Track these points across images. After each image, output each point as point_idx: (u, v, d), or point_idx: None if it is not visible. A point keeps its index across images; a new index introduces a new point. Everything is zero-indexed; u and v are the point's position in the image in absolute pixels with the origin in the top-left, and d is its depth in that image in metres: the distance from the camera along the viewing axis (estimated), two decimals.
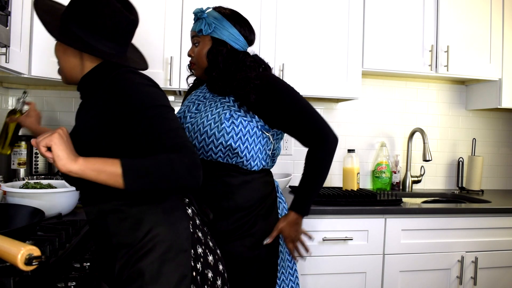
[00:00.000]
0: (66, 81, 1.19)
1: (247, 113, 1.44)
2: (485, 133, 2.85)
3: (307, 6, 2.21)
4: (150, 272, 1.01)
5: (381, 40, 2.30)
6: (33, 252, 0.78)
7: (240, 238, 1.42)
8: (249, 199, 1.46)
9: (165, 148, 0.96)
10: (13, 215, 1.21)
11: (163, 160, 0.94)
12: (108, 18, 1.07)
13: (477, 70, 2.43)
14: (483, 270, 2.09)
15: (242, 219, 1.44)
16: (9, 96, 2.27)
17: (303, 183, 1.51)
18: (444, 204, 2.43)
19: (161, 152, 0.95)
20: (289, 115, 1.43)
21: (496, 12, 2.44)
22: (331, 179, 2.62)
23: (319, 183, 1.50)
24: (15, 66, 1.52)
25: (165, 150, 0.95)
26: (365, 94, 2.64)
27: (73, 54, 1.12)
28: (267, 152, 1.52)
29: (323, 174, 1.49)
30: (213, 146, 1.40)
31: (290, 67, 2.17)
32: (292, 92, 1.45)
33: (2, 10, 1.29)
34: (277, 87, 1.44)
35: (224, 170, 1.43)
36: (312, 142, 1.47)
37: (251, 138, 1.44)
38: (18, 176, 2.00)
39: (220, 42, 1.46)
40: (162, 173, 0.93)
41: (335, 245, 1.94)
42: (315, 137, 1.45)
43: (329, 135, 1.46)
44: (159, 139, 0.97)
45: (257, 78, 1.42)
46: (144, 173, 0.93)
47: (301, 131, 1.46)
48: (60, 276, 1.12)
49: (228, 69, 1.45)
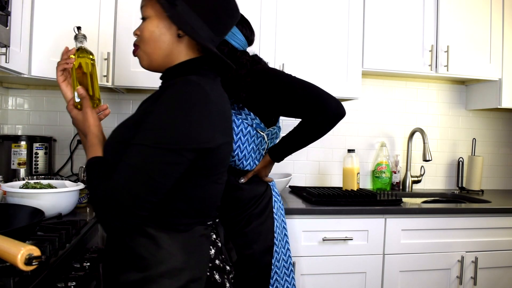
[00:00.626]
0: (148, 66, 1.10)
1: (242, 110, 1.44)
2: (485, 133, 2.84)
3: (307, 6, 2.21)
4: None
5: (381, 40, 2.30)
6: (33, 252, 0.78)
7: (232, 237, 1.41)
8: (241, 198, 1.46)
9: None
10: (13, 215, 1.21)
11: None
12: (217, 3, 1.04)
13: (477, 70, 2.43)
14: (483, 270, 2.09)
15: (235, 218, 1.44)
16: (9, 96, 2.28)
17: (291, 136, 1.50)
18: (444, 204, 2.43)
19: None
20: (285, 95, 1.41)
21: (496, 12, 2.44)
22: (331, 179, 2.62)
23: (305, 143, 1.50)
24: (15, 66, 1.52)
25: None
26: (365, 94, 2.64)
27: (170, 33, 1.04)
28: (260, 151, 1.53)
29: (314, 136, 1.48)
30: None
31: (290, 67, 2.17)
32: (283, 74, 1.47)
33: (2, 10, 1.29)
34: (269, 73, 1.45)
35: None
36: (312, 112, 1.43)
37: (244, 138, 1.45)
38: (18, 176, 2.00)
39: (222, 41, 1.46)
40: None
41: (335, 245, 1.94)
42: (315, 106, 1.41)
43: (330, 102, 1.42)
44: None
45: (247, 75, 1.41)
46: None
47: (300, 106, 1.43)
48: (60, 276, 1.12)
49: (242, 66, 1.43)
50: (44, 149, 2.09)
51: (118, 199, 0.91)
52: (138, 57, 1.10)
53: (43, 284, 0.98)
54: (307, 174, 2.59)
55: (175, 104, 0.92)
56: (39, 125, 2.30)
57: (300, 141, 1.51)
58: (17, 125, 2.28)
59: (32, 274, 0.94)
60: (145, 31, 1.05)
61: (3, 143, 2.00)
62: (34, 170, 2.05)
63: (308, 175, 2.60)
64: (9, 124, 2.27)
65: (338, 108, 1.46)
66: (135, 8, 2.03)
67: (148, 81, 1.99)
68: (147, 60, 1.08)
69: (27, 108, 2.30)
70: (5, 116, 2.26)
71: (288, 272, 1.60)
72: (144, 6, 1.06)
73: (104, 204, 0.92)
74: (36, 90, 2.29)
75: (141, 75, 2.00)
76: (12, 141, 2.01)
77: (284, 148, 1.53)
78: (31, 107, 2.30)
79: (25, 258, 0.77)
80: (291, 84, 1.43)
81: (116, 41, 2.02)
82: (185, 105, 0.92)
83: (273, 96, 1.44)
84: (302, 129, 1.49)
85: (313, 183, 2.60)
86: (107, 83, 2.01)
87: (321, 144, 2.56)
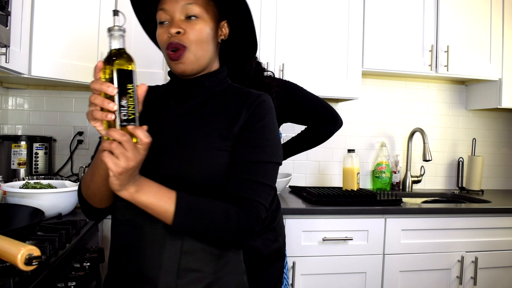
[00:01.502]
0: (191, 70, 0.96)
1: None
2: (485, 133, 2.84)
3: (307, 6, 2.21)
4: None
5: (381, 40, 2.30)
6: (33, 252, 0.78)
7: (263, 233, 1.52)
8: None
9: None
10: (13, 215, 1.21)
11: (221, 208, 0.88)
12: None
13: (477, 70, 2.43)
14: (483, 270, 2.09)
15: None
16: (9, 96, 2.28)
17: (298, 140, 1.76)
18: (444, 204, 2.43)
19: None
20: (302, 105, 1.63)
21: (496, 12, 2.44)
22: (331, 179, 2.62)
23: (308, 147, 1.77)
24: (15, 66, 1.52)
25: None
26: (365, 94, 2.64)
27: (217, 40, 1.00)
28: None
29: (318, 141, 1.75)
30: None
31: (290, 67, 2.17)
32: (298, 85, 1.67)
33: (2, 10, 1.29)
34: (293, 88, 1.64)
35: None
36: (323, 121, 1.69)
37: None
38: (18, 176, 2.00)
39: None
40: (215, 220, 0.86)
41: (335, 245, 1.94)
42: (327, 116, 1.68)
43: (337, 114, 1.72)
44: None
45: (276, 85, 1.56)
46: (198, 213, 0.85)
47: (313, 115, 1.66)
48: (60, 276, 1.12)
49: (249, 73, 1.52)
50: (44, 149, 2.09)
51: (260, 218, 0.92)
52: (183, 61, 0.94)
53: (43, 284, 0.98)
54: (307, 174, 2.60)
55: (274, 121, 0.99)
56: (39, 125, 2.30)
57: (307, 144, 1.76)
58: (17, 125, 2.29)
59: (32, 274, 0.94)
60: (202, 32, 0.93)
61: (3, 143, 2.01)
62: (34, 170, 2.05)
63: (308, 175, 2.60)
64: (9, 124, 2.28)
65: (341, 118, 1.74)
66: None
67: (148, 81, 1.98)
68: (194, 64, 0.95)
69: (27, 108, 2.30)
70: (5, 116, 2.26)
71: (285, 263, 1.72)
72: (194, 4, 0.93)
73: (249, 231, 0.90)
74: (36, 90, 2.29)
75: (141, 75, 2.00)
76: (12, 141, 2.01)
77: (292, 149, 1.76)
78: (31, 107, 2.30)
79: (25, 258, 0.77)
80: (307, 96, 1.65)
81: None
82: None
83: (290, 106, 1.61)
84: (311, 134, 1.73)
85: (313, 183, 2.60)
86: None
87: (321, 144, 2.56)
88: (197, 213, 0.85)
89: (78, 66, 1.89)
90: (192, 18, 0.93)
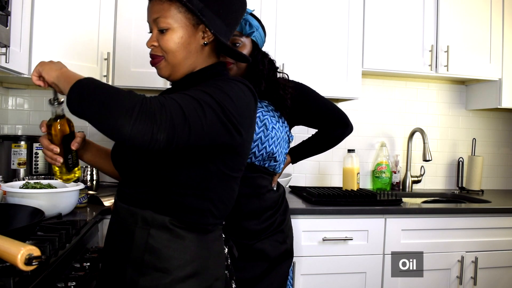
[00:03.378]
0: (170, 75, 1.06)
1: (280, 118, 1.53)
2: (485, 133, 2.84)
3: (307, 6, 2.21)
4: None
5: (381, 40, 2.30)
6: (33, 252, 0.78)
7: (271, 235, 1.51)
8: (276, 198, 1.56)
9: None
10: (13, 215, 1.21)
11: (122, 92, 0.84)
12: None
13: (477, 70, 2.43)
14: (483, 270, 2.09)
15: (271, 218, 1.52)
16: (9, 96, 2.28)
17: (311, 142, 1.74)
18: (444, 204, 2.43)
19: None
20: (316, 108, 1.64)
21: (496, 12, 2.44)
22: (331, 179, 2.62)
23: (321, 150, 1.76)
24: (15, 66, 1.52)
25: None
26: (365, 94, 2.64)
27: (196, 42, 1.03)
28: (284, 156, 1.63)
29: (330, 145, 1.74)
30: (257, 150, 1.46)
31: (290, 67, 2.17)
32: (316, 93, 1.67)
33: (2, 10, 1.29)
34: (307, 91, 1.63)
35: (256, 172, 1.49)
36: (336, 124, 1.70)
37: (283, 143, 1.55)
38: (18, 176, 2.00)
39: (256, 46, 1.50)
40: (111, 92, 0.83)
41: (335, 245, 1.94)
42: (339, 120, 1.70)
43: (348, 119, 1.73)
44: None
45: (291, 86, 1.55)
46: (98, 85, 0.85)
47: (326, 119, 1.67)
48: (60, 276, 1.12)
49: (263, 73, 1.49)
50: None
51: (171, 112, 0.82)
52: (160, 67, 1.05)
53: (43, 284, 0.98)
54: (307, 174, 2.59)
55: (236, 92, 0.96)
56: (39, 125, 2.29)
57: (319, 147, 1.75)
58: (17, 125, 2.28)
59: (32, 274, 0.94)
60: (169, 42, 1.01)
61: (3, 143, 2.00)
62: (34, 170, 2.05)
63: (308, 175, 2.60)
64: (9, 124, 2.27)
65: (351, 123, 1.75)
66: (136, 8, 2.03)
67: (148, 81, 2.00)
68: (171, 71, 1.05)
69: (27, 108, 2.30)
70: (5, 116, 2.26)
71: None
72: (161, 17, 1.00)
73: (146, 115, 0.80)
74: (36, 90, 2.29)
75: (141, 75, 2.01)
76: (12, 141, 2.00)
77: (304, 152, 1.76)
78: (31, 107, 2.30)
79: (25, 258, 0.77)
80: (320, 99, 1.65)
81: (116, 41, 2.02)
82: (240, 97, 0.97)
83: (303, 108, 1.59)
84: (324, 137, 1.72)
85: (313, 183, 2.60)
86: (107, 83, 2.00)
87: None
88: (97, 83, 0.86)
89: (78, 66, 1.89)
90: (163, 31, 1.01)
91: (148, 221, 0.99)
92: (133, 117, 0.79)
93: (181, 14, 1.00)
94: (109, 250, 1.07)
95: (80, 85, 0.85)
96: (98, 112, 0.82)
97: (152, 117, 0.80)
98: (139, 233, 0.99)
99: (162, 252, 0.98)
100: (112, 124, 0.81)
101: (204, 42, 1.03)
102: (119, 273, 1.01)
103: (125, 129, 0.79)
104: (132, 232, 1.00)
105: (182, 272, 0.98)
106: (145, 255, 0.98)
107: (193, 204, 1.00)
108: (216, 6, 1.00)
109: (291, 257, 1.61)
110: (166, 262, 0.98)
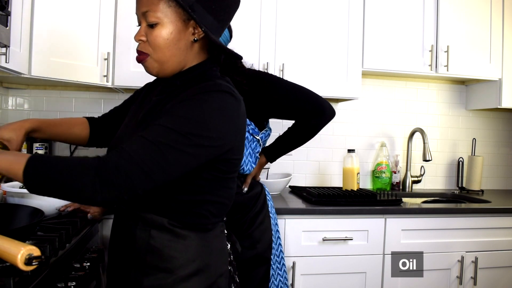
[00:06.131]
0: (159, 73, 1.03)
1: None
2: (485, 133, 2.84)
3: (307, 6, 2.21)
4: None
5: (381, 40, 2.30)
6: (33, 252, 0.78)
7: (238, 239, 1.42)
8: (245, 201, 1.50)
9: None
10: (13, 215, 1.21)
11: (76, 159, 0.86)
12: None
13: (477, 70, 2.43)
14: (483, 270, 2.09)
15: (239, 221, 1.47)
16: (9, 96, 2.27)
17: (285, 138, 1.61)
18: (444, 204, 2.43)
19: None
20: (281, 99, 1.48)
21: (496, 12, 2.44)
22: (331, 179, 2.62)
23: (298, 144, 1.62)
24: (15, 66, 1.52)
25: None
26: (365, 94, 2.64)
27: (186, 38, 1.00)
28: (256, 155, 1.55)
29: (307, 138, 1.60)
30: None
31: (290, 67, 2.17)
32: (276, 77, 1.54)
33: (2, 10, 1.29)
34: (262, 77, 1.49)
35: None
36: (309, 114, 1.53)
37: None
38: None
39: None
40: (68, 167, 0.84)
41: (335, 245, 1.94)
42: (312, 109, 1.52)
43: (325, 105, 1.56)
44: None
45: (246, 83, 1.42)
46: (49, 167, 0.84)
47: (296, 108, 1.51)
48: (60, 276, 1.12)
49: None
50: (44, 149, 2.09)
51: (126, 172, 0.84)
52: (147, 65, 1.02)
53: (43, 284, 0.98)
54: (307, 174, 2.59)
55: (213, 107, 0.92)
56: None
57: (295, 142, 1.61)
58: None
59: (32, 274, 0.94)
60: (158, 38, 0.97)
61: None
62: None
63: (308, 175, 2.59)
64: None
65: (331, 109, 1.59)
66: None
67: (148, 81, 1.99)
68: (159, 68, 1.01)
69: (27, 108, 2.30)
70: (5, 116, 2.25)
71: (281, 266, 1.65)
72: (150, 11, 0.97)
73: (107, 173, 0.84)
74: (36, 90, 2.29)
75: (141, 75, 1.99)
76: None
77: (279, 149, 1.63)
78: (31, 107, 2.30)
79: (25, 258, 0.77)
80: (286, 88, 1.51)
81: (116, 41, 2.02)
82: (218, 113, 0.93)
83: (268, 100, 1.48)
84: (298, 130, 1.59)
85: (313, 183, 2.60)
86: (107, 83, 2.01)
87: (321, 144, 2.56)
88: (48, 165, 0.85)
89: (78, 66, 1.89)
90: (152, 25, 0.98)
91: (148, 222, 1.00)
92: (98, 191, 0.84)
93: (171, 8, 0.97)
94: (113, 251, 1.09)
95: (30, 174, 0.85)
96: (62, 195, 0.87)
97: (111, 184, 0.84)
98: (140, 234, 1.00)
99: (164, 252, 0.99)
100: (82, 200, 0.87)
101: (194, 39, 1.01)
102: (124, 274, 1.02)
103: (96, 199, 0.85)
104: (133, 234, 1.01)
105: (185, 271, 0.99)
106: (147, 256, 0.99)
107: (192, 208, 1.00)
108: (208, 1, 0.97)
109: (267, 263, 1.54)
110: (168, 262, 0.98)
